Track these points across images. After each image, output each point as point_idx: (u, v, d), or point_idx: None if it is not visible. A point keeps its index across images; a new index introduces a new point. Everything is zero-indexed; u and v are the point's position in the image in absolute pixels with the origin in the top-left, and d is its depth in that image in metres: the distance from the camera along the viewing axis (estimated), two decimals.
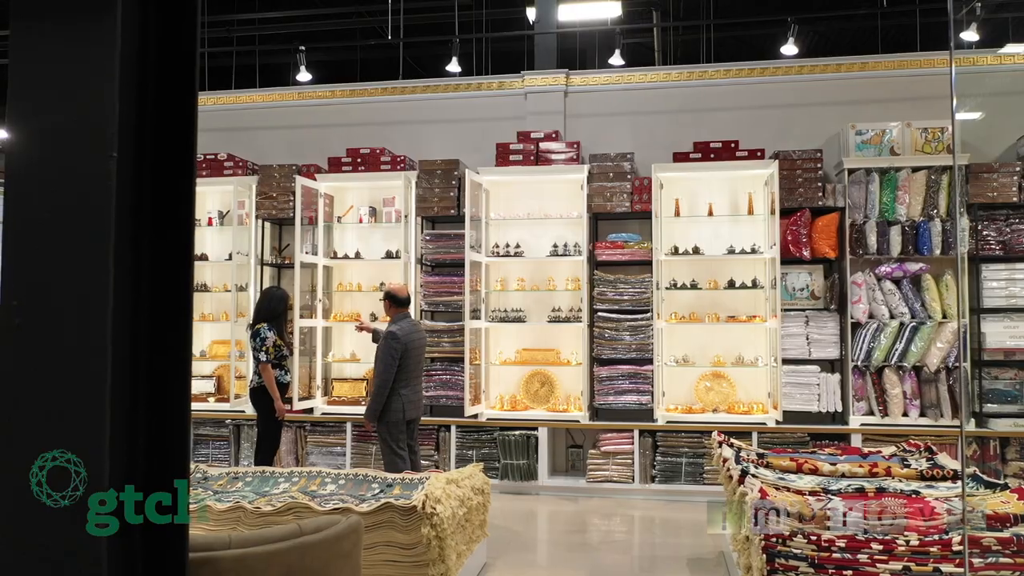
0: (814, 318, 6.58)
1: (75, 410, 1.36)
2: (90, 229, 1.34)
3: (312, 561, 1.76)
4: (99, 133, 1.36)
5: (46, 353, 1.35)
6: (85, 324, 1.34)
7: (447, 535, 3.79)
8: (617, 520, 6.15)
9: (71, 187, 1.35)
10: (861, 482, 3.84)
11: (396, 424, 5.32)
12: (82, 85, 1.35)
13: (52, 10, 1.33)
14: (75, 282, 1.36)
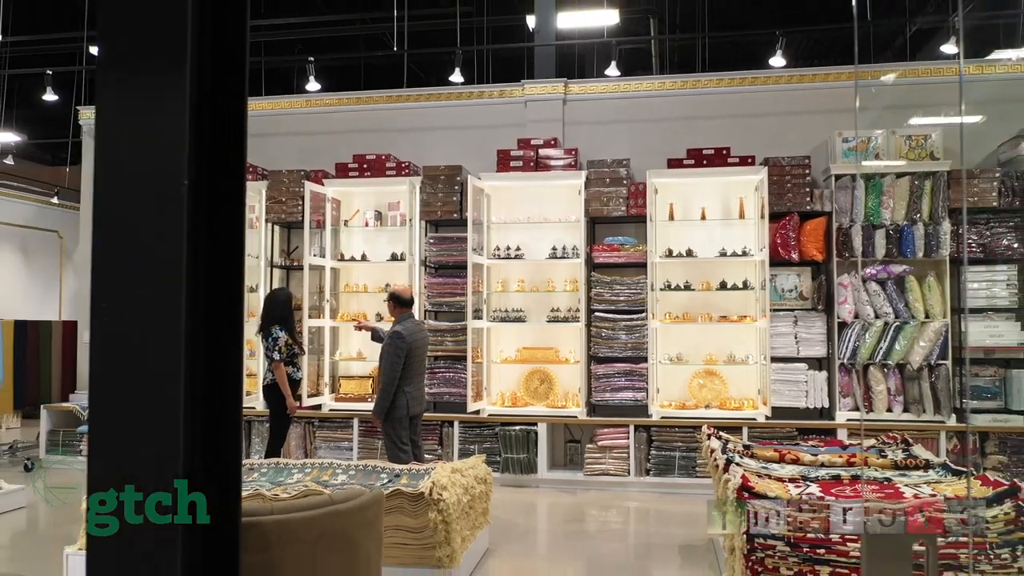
0: (802, 318, 6.85)
1: (156, 401, 1.64)
2: (167, 242, 1.62)
3: (342, 525, 2.04)
4: (174, 164, 1.64)
5: (129, 352, 1.64)
6: (162, 322, 1.62)
7: (452, 520, 4.07)
8: (613, 511, 6.42)
9: (151, 207, 1.63)
10: (838, 471, 4.12)
11: (400, 420, 5.59)
12: (159, 125, 1.63)
13: (135, 64, 1.62)
14: (153, 285, 1.64)
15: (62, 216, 14.35)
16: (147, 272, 1.63)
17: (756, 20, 11.77)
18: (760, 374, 6.85)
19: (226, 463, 1.82)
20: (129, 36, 1.62)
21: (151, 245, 1.62)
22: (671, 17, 11.27)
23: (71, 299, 14.57)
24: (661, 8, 10.78)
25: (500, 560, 5.02)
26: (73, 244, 14.53)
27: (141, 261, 1.63)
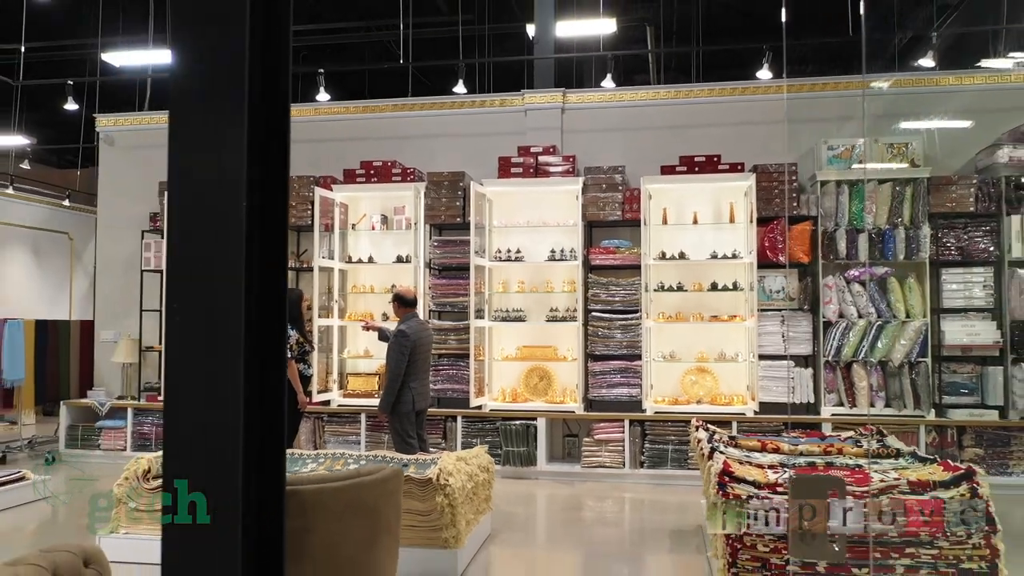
0: (789, 317, 7.19)
1: (220, 389, 1.98)
2: (230, 252, 1.97)
3: (367, 496, 2.36)
4: (235, 188, 1.98)
5: (199, 343, 1.98)
6: (225, 319, 1.96)
7: (458, 504, 4.41)
8: (609, 501, 6.76)
9: (218, 225, 1.98)
10: (815, 459, 4.46)
11: (407, 415, 5.92)
12: (224, 159, 1.98)
13: (204, 110, 1.97)
14: (218, 287, 1.98)
15: (72, 218, 14.68)
16: (213, 276, 1.97)
17: (749, 28, 12.12)
18: (749, 371, 7.18)
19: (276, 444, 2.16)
20: (199, 87, 1.96)
21: (216, 255, 1.96)
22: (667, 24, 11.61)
23: (80, 299, 14.90)
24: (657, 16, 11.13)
25: (502, 543, 5.35)
26: (83, 245, 14.88)
27: (208, 267, 1.97)
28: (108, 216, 8.89)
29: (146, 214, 8.51)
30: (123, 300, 8.56)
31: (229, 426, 1.98)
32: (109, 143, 8.89)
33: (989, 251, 6.91)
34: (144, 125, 8.81)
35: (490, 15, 10.90)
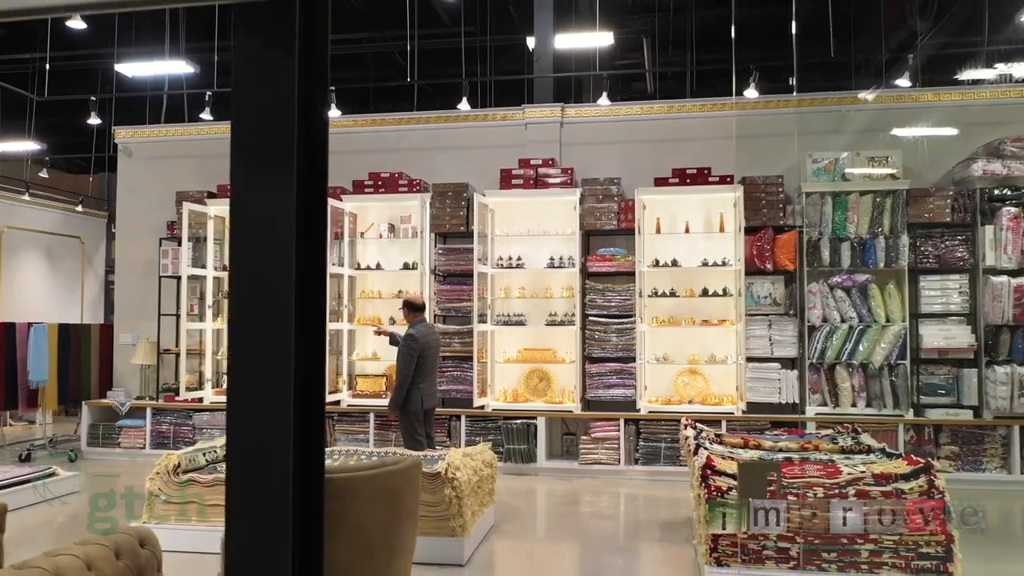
0: (776, 322, 7.58)
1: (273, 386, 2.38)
2: (282, 273, 2.35)
3: (391, 483, 2.75)
4: (287, 224, 2.37)
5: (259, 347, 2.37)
6: (280, 325, 2.35)
7: (464, 496, 4.81)
8: (605, 496, 7.15)
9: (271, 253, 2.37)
10: (792, 454, 4.85)
11: (415, 413, 6.31)
12: (275, 200, 2.37)
13: (259, 161, 2.37)
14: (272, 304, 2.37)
15: (84, 222, 15.09)
16: (267, 295, 2.36)
17: (742, 41, 12.50)
18: (738, 373, 7.58)
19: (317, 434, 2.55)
20: (255, 141, 2.36)
21: (271, 277, 2.35)
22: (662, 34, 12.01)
23: (91, 301, 15.31)
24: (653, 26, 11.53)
25: (504, 533, 5.75)
26: (94, 249, 15.28)
27: (263, 288, 2.36)
28: (126, 224, 9.28)
29: (163, 222, 8.91)
30: (141, 304, 8.95)
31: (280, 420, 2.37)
32: (127, 154, 9.28)
33: (964, 259, 7.31)
34: (161, 137, 9.21)
35: (492, 27, 11.30)
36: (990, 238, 7.18)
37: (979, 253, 7.25)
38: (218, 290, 8.72)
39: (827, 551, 4.11)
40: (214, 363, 8.66)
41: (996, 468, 7.08)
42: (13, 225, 13.82)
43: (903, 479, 4.14)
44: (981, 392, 7.15)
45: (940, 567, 4.04)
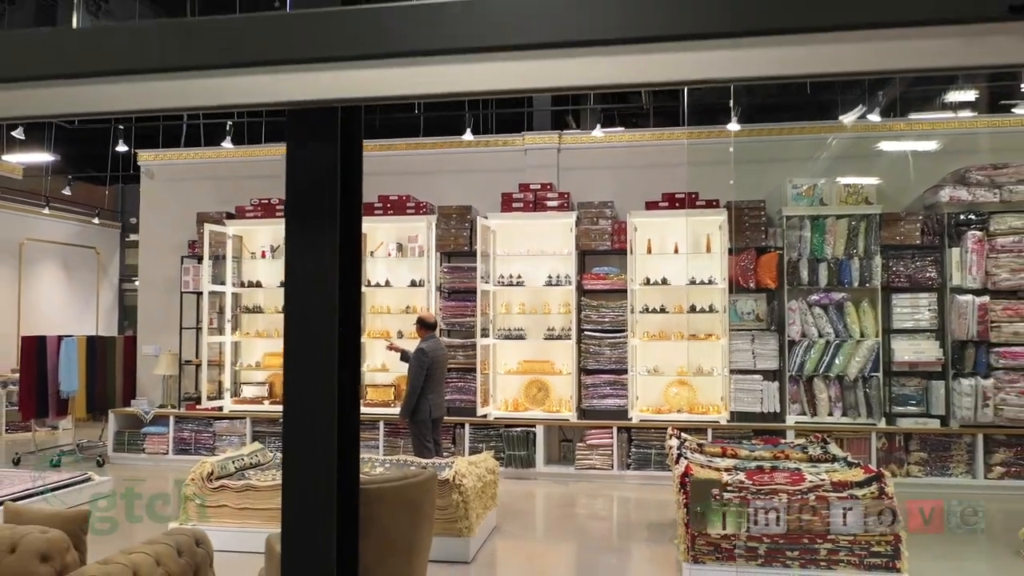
0: (758, 337, 8.13)
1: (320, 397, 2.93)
2: (326, 310, 2.89)
3: (412, 494, 3.29)
4: (331, 274, 2.92)
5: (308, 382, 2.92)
6: (326, 351, 2.90)
7: (470, 500, 5.36)
8: (599, 499, 7.71)
9: (317, 295, 2.92)
10: (763, 463, 5.40)
11: (424, 422, 6.87)
12: (320, 254, 2.91)
13: (308, 225, 2.92)
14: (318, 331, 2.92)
15: (99, 233, 15.67)
16: (313, 327, 2.90)
17: None
18: (723, 384, 8.13)
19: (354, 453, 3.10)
20: (305, 212, 2.91)
21: (316, 314, 2.89)
22: None
23: (106, 309, 15.87)
24: None
25: (506, 533, 6.31)
26: (108, 258, 15.86)
27: (310, 322, 2.90)
28: (149, 242, 9.83)
29: (185, 241, 9.46)
30: (163, 318, 9.50)
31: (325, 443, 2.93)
32: (149, 176, 9.84)
33: (933, 279, 7.86)
34: (182, 160, 9.77)
35: None
36: (956, 260, 7.72)
37: (946, 273, 7.80)
38: (236, 305, 9.28)
39: (790, 550, 4.66)
40: (232, 374, 9.22)
41: (962, 473, 7.64)
42: (32, 237, 14.40)
43: (857, 486, 4.70)
44: (948, 403, 7.70)
45: (890, 564, 4.60)
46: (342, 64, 2.67)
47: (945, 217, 7.85)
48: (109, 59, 2.60)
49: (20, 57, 2.68)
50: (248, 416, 8.82)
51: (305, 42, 2.71)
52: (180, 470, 7.86)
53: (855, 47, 2.39)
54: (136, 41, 2.69)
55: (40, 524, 3.34)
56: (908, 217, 7.95)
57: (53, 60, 2.64)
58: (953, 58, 2.47)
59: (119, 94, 2.76)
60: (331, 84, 2.71)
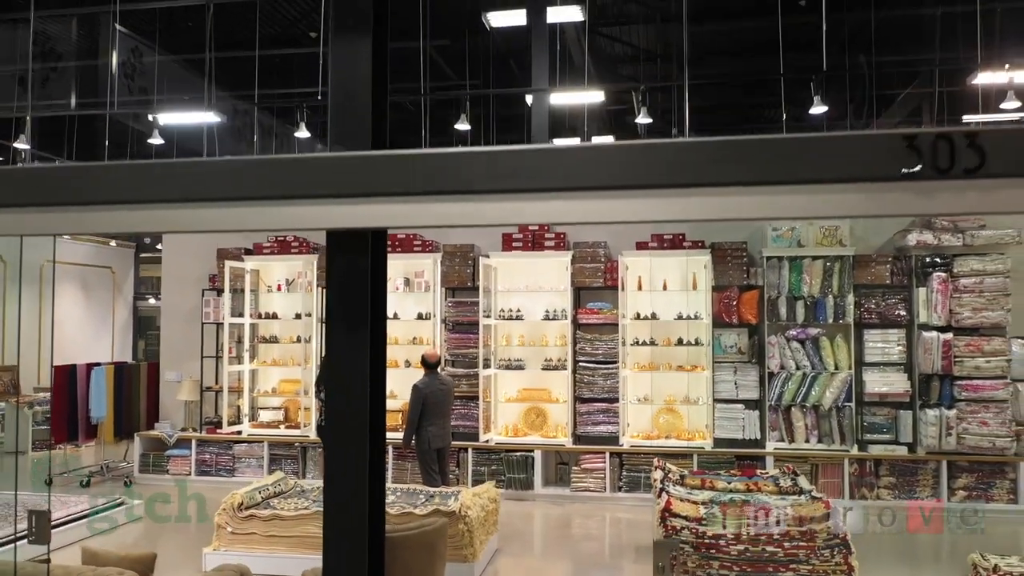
0: (740, 368, 8.75)
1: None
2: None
3: (430, 539, 3.91)
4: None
5: (345, 446, 3.55)
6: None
7: (474, 529, 5.99)
8: (593, 520, 8.33)
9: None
10: (736, 495, 6.03)
11: (427, 451, 7.49)
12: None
13: (346, 325, 3.55)
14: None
15: (114, 253, 16.35)
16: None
17: (727, 98, 13.73)
18: (708, 412, 8.76)
19: (380, 511, 3.73)
20: (343, 312, 3.53)
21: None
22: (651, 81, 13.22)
23: (121, 327, 16.52)
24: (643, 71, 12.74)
25: (507, 555, 6.94)
26: (123, 277, 16.52)
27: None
28: (171, 274, 10.46)
29: (205, 274, 10.08)
30: (184, 346, 10.12)
31: (359, 505, 3.55)
32: None
33: (902, 316, 8.48)
34: None
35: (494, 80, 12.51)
36: (923, 299, 8.35)
37: (914, 311, 8.42)
38: (254, 336, 9.91)
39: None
40: (251, 399, 9.85)
41: (927, 496, 8.26)
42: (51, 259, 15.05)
43: (816, 521, 5.32)
44: (915, 431, 8.33)
45: None
46: (372, 199, 3.36)
47: (913, 259, 8.47)
48: (193, 190, 3.26)
49: (122, 184, 3.36)
50: (265, 440, 9.45)
51: (343, 181, 3.40)
52: (204, 491, 8.49)
53: (792, 199, 3.09)
54: (214, 176, 3.36)
55: (116, 565, 3.98)
56: (879, 259, 8.57)
57: (154, 188, 3.30)
58: (862, 208, 3.20)
59: (200, 217, 3.44)
60: (364, 214, 3.42)
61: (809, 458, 8.43)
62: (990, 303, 8.15)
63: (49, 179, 3.48)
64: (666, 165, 2.88)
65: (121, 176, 3.41)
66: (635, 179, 2.91)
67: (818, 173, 2.76)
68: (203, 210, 3.31)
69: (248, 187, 3.25)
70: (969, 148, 2.62)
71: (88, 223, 3.58)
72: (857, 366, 8.53)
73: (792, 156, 2.82)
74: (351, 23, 3.51)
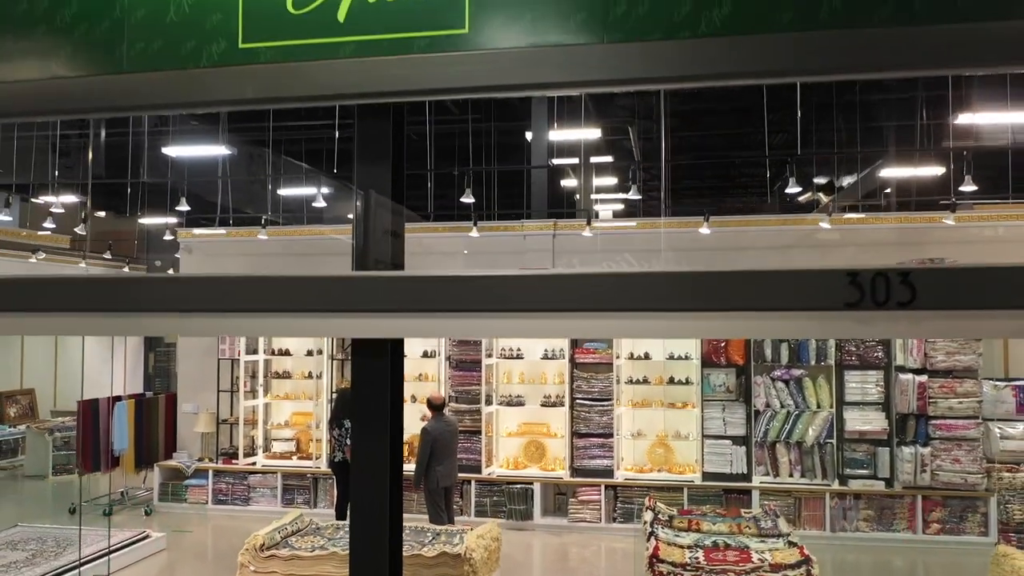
0: (728, 406, 9.26)
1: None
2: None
3: None
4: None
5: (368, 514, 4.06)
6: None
7: (479, 569, 6.50)
8: (589, 549, 8.85)
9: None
10: (719, 538, 6.54)
11: (435, 490, 7.99)
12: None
13: (365, 417, 4.05)
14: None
15: None
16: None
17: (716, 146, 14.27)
18: (697, 447, 9.27)
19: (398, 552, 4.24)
20: (365, 405, 4.02)
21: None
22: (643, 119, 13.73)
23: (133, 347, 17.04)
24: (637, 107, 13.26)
25: None
26: None
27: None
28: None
29: None
30: (201, 380, 10.64)
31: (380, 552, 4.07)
32: (188, 251, 10.99)
33: (880, 359, 8.99)
34: (218, 239, 10.92)
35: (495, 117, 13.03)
36: (900, 343, 8.86)
37: (892, 354, 8.93)
38: (268, 371, 10.42)
39: None
40: (264, 431, 10.37)
41: (904, 529, 8.77)
42: None
43: (790, 568, 5.84)
44: (892, 467, 8.84)
45: None
46: (390, 314, 3.88)
47: None
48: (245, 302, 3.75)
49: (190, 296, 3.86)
50: (279, 472, 9.97)
51: (366, 298, 3.91)
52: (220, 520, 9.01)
53: (756, 323, 3.62)
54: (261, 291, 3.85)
55: None
56: None
57: (208, 299, 3.81)
58: (813, 332, 3.84)
59: (254, 325, 3.97)
60: (383, 327, 3.95)
61: (793, 492, 8.95)
62: (962, 347, 8.66)
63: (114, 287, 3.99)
64: (649, 293, 3.39)
65: (174, 288, 3.92)
66: (622, 303, 3.43)
67: (776, 303, 3.27)
68: (253, 319, 3.82)
69: (288, 301, 3.76)
70: (902, 284, 3.13)
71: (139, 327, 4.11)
72: (838, 405, 9.03)
73: (755, 288, 3.34)
74: (373, 157, 4.04)
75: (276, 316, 3.84)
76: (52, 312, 3.83)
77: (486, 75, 3.55)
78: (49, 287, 3.94)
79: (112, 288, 4.02)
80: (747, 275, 3.38)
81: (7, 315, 3.81)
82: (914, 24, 2.97)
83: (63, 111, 4.64)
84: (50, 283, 3.99)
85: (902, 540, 8.69)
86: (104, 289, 4.02)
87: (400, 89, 3.67)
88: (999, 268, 2.86)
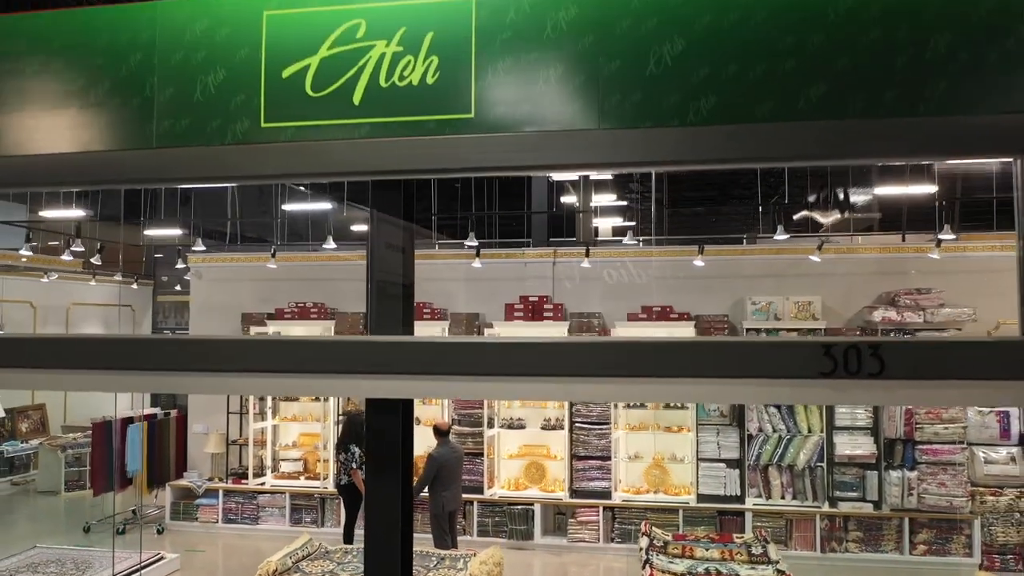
0: (722, 431, 9.58)
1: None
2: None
3: None
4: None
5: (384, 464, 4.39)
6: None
7: None
8: (588, 568, 9.16)
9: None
10: (711, 565, 6.86)
11: (440, 515, 8.31)
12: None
13: (380, 465, 4.38)
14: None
15: (134, 292, 17.22)
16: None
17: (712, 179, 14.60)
18: (692, 469, 9.59)
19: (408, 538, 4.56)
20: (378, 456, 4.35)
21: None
22: None
23: None
24: None
25: None
26: (142, 315, 17.40)
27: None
28: (198, 334, 11.29)
29: (230, 334, 10.92)
30: (210, 402, 10.95)
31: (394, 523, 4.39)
32: (198, 276, 11.31)
33: None
34: (227, 263, 11.23)
35: None
36: None
37: None
38: None
39: None
40: (273, 452, 10.69)
41: (891, 550, 9.09)
42: (78, 301, 15.93)
43: None
44: (881, 490, 9.16)
45: None
46: (401, 376, 4.22)
47: (879, 333, 9.30)
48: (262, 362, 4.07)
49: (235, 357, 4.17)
50: (287, 491, 10.28)
51: (379, 361, 4.25)
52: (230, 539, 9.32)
53: (739, 389, 3.99)
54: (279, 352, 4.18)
55: None
56: (848, 332, 9.41)
57: (243, 360, 4.12)
58: (790, 398, 4.24)
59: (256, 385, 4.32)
60: (393, 387, 4.29)
61: (784, 514, 9.27)
62: None
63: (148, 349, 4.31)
64: (639, 361, 3.72)
65: (191, 348, 4.23)
66: (615, 370, 3.75)
67: (757, 371, 3.60)
68: (269, 379, 4.14)
69: (305, 362, 4.08)
70: (872, 356, 3.45)
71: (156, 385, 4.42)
72: (828, 430, 9.35)
73: (738, 357, 3.66)
74: (387, 224, 4.36)
75: (293, 377, 4.16)
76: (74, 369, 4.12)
77: (491, 157, 3.88)
78: (76, 345, 4.26)
79: (131, 348, 4.31)
80: (731, 345, 3.71)
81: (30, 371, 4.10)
82: (885, 117, 3.30)
83: (95, 182, 4.98)
84: (75, 342, 4.33)
85: (889, 561, 9.01)
86: (122, 349, 4.31)
87: (411, 168, 4.01)
88: (961, 342, 3.18)
